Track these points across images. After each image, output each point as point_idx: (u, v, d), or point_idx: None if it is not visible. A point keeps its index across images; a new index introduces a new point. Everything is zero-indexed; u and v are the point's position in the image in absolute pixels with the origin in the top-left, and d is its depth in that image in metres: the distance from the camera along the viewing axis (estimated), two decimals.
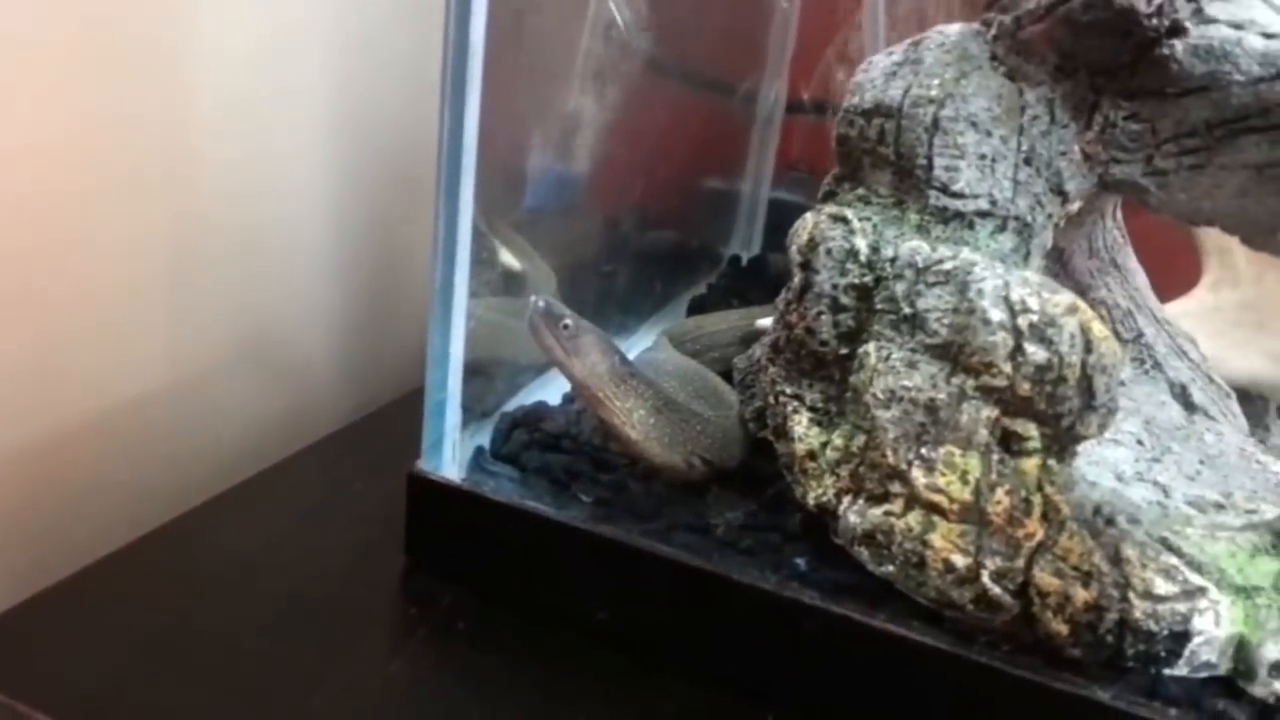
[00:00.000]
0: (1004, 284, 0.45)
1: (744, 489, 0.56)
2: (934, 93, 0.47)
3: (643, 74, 0.74)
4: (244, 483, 0.64)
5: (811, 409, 0.52)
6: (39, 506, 0.59)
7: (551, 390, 0.64)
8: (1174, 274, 0.73)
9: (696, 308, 0.81)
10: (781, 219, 0.95)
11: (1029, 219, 0.48)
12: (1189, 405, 0.60)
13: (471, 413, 0.56)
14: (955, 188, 0.47)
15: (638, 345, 0.72)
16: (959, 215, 0.47)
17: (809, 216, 0.52)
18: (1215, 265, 0.75)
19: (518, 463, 0.56)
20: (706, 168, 0.88)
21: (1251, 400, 0.69)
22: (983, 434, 0.45)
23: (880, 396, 0.47)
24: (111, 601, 0.51)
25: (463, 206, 0.49)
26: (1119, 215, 0.64)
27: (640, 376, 0.55)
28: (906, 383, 0.46)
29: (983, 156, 0.47)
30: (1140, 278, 0.65)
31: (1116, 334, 0.60)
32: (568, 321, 0.54)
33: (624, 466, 0.56)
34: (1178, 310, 0.73)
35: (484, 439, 0.58)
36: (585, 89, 0.70)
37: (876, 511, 0.47)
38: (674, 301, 0.81)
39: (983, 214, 0.47)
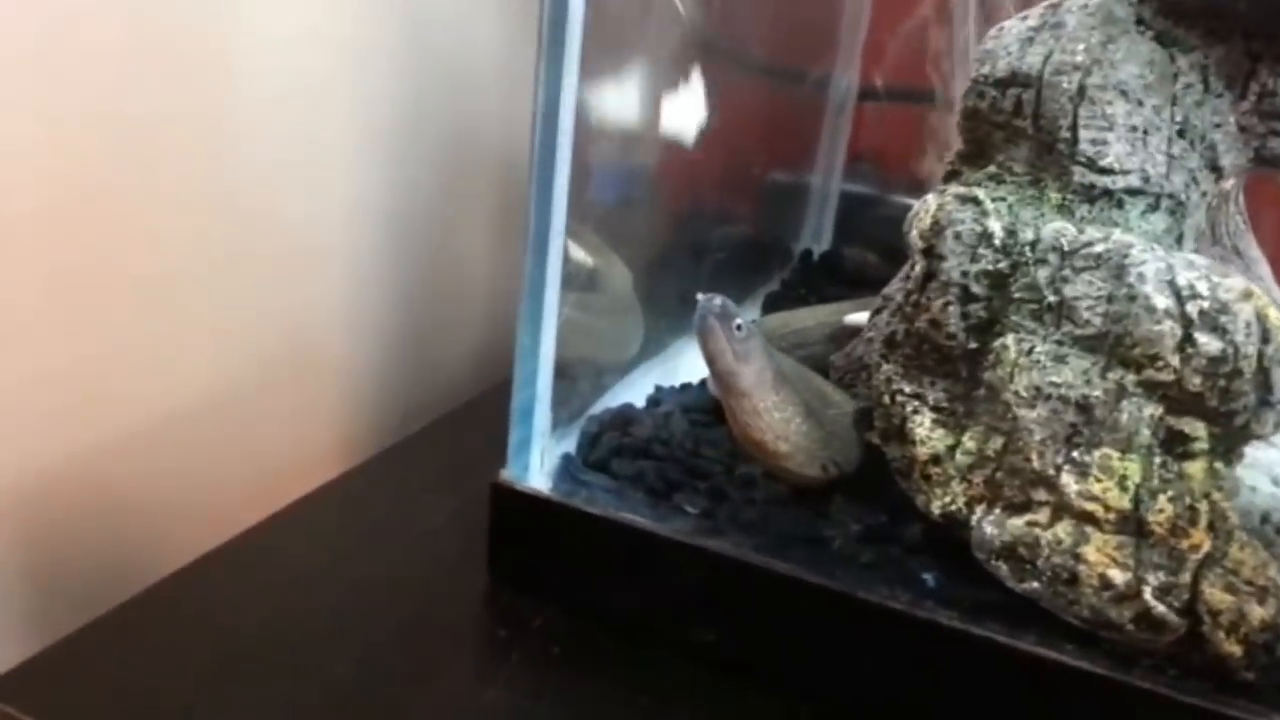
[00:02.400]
0: (1168, 267, 0.40)
1: (855, 496, 0.52)
2: (1079, 59, 0.43)
3: (708, 62, 0.70)
4: (302, 499, 0.60)
5: (935, 409, 0.47)
6: (86, 524, 0.56)
7: (635, 392, 0.60)
8: None
9: (771, 304, 0.77)
10: (853, 211, 0.91)
11: (1183, 197, 0.44)
12: None
13: (556, 417, 0.52)
14: (1104, 162, 0.43)
15: None
16: (1107, 193, 0.43)
17: (931, 198, 0.47)
18: None
19: (608, 471, 0.52)
20: (777, 159, 0.83)
21: None
22: (1145, 434, 0.40)
23: (1023, 394, 0.43)
24: (174, 626, 0.48)
25: (556, 195, 0.45)
26: (1241, 198, 0.59)
27: (790, 384, 0.51)
28: (1054, 379, 0.42)
29: (1133, 128, 0.43)
30: (1264, 267, 0.60)
31: None
32: (740, 322, 0.50)
33: (723, 473, 0.52)
34: None
35: (569, 445, 0.53)
36: (654, 79, 0.66)
37: (1018, 522, 0.43)
38: (749, 299, 0.77)
39: (1133, 191, 0.43)
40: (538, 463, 0.49)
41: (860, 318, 0.67)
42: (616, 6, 0.61)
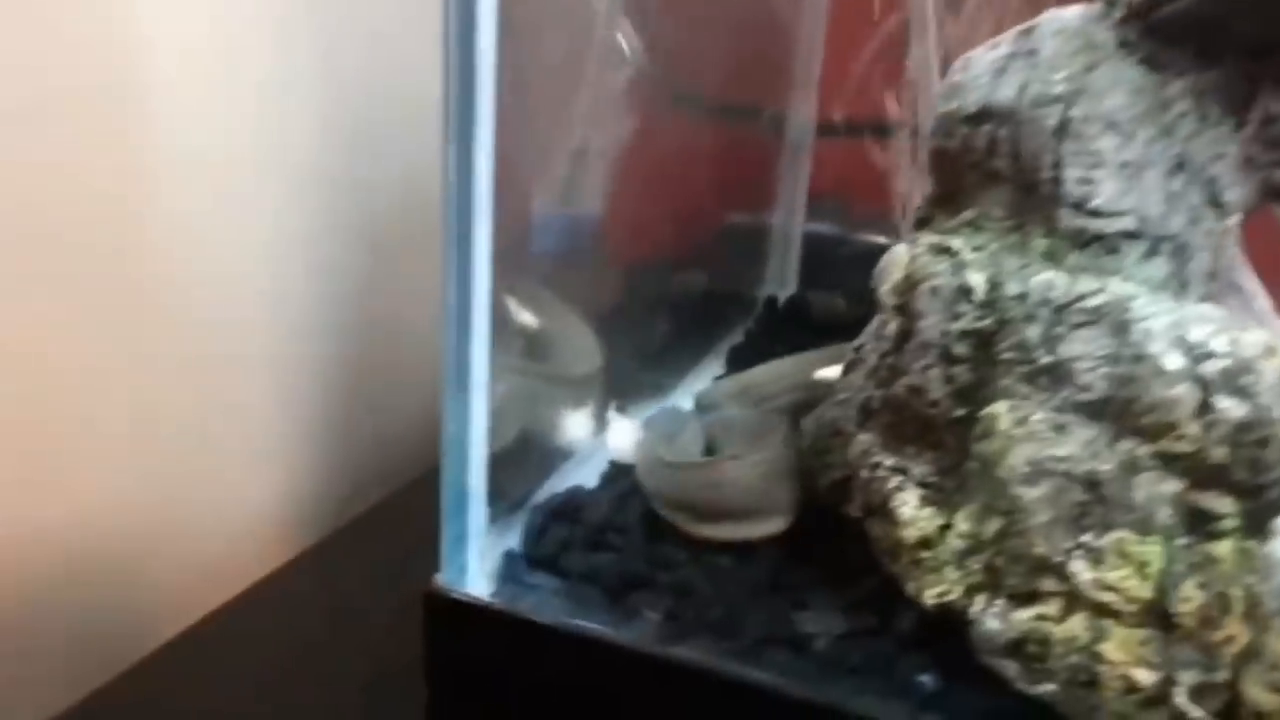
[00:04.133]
0: (1177, 321, 0.35)
1: (835, 578, 0.46)
2: (1059, 89, 0.38)
3: (656, 100, 0.65)
4: (232, 602, 0.54)
5: (921, 485, 0.42)
6: None
7: (588, 468, 0.54)
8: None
9: (735, 358, 0.72)
10: (816, 254, 0.87)
11: (1184, 239, 0.39)
12: None
13: (497, 506, 0.46)
14: (1094, 204, 0.38)
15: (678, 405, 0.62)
16: (1099, 238, 0.38)
17: (901, 250, 0.42)
18: None
19: (558, 568, 0.46)
20: (734, 201, 0.79)
21: None
22: (1165, 513, 0.35)
23: (1021, 470, 0.37)
24: None
25: (477, 257, 0.39)
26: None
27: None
28: (1056, 451, 0.37)
29: (1125, 164, 0.38)
30: (1261, 300, 0.56)
31: None
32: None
33: (688, 562, 0.47)
34: None
35: (513, 538, 0.48)
36: (593, 122, 0.60)
37: (1024, 615, 0.38)
38: (711, 353, 0.71)
39: (1129, 235, 0.38)
40: (476, 564, 0.43)
41: (831, 373, 0.62)
42: (550, 43, 0.56)
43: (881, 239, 0.88)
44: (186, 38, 0.54)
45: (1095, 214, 0.38)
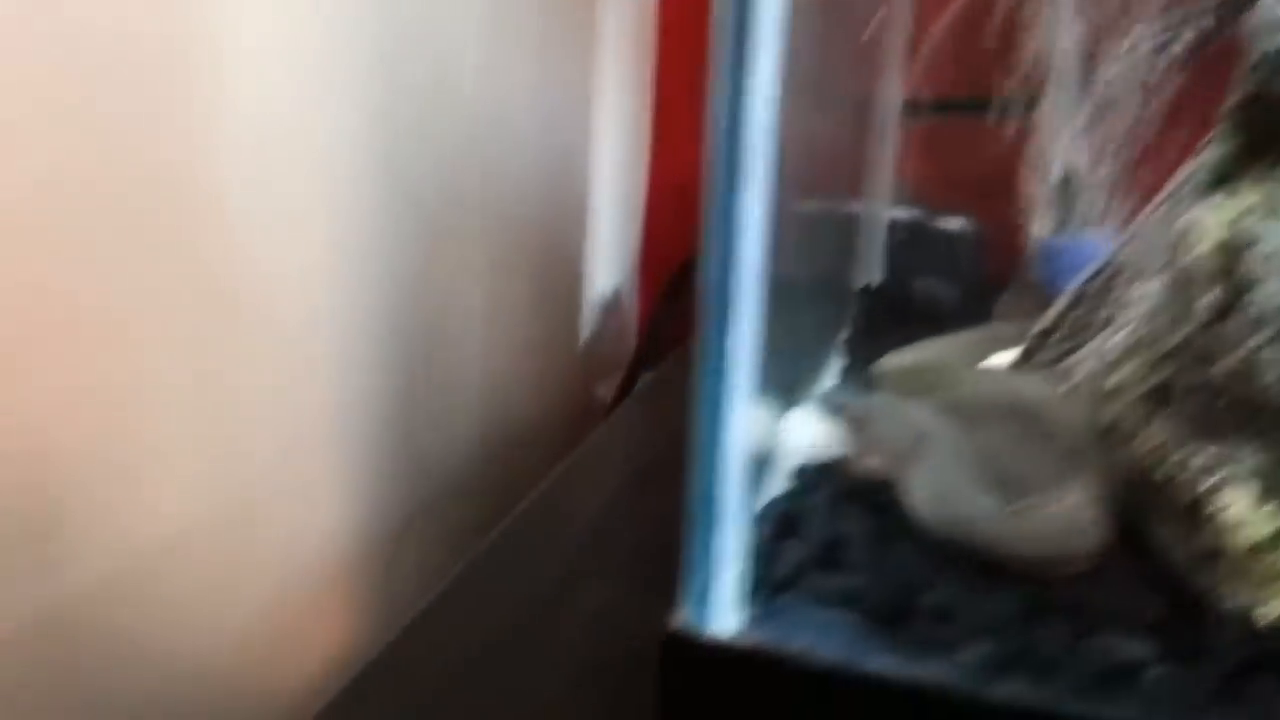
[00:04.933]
0: None
1: (1125, 601, 0.40)
2: None
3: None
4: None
5: (1249, 480, 0.36)
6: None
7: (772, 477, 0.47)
8: None
9: (852, 350, 0.66)
10: (900, 240, 0.81)
11: None
12: None
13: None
14: None
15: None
16: None
17: (1204, 215, 0.37)
18: None
19: (801, 594, 0.39)
20: (833, 188, 0.73)
21: None
22: None
23: None
24: None
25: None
26: None
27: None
28: None
29: None
30: None
31: None
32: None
33: (950, 582, 0.40)
34: None
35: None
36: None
37: None
38: (833, 345, 0.65)
39: None
40: (728, 599, 0.36)
41: (1005, 359, 0.57)
42: None
43: (954, 225, 0.84)
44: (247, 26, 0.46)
45: None
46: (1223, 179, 0.38)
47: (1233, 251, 0.36)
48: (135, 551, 0.44)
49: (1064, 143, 0.68)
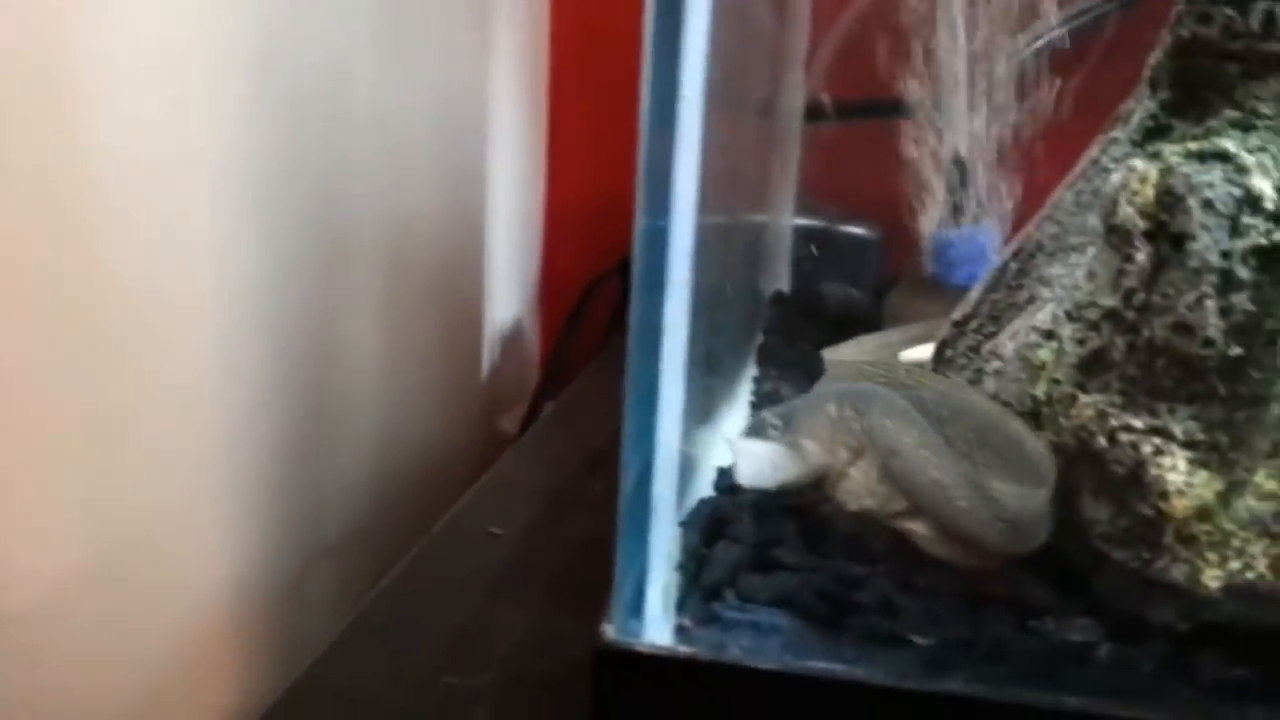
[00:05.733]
0: None
1: (1057, 581, 0.38)
2: None
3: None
4: None
5: (1188, 445, 0.35)
6: None
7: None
8: None
9: (767, 358, 0.64)
10: (803, 246, 0.80)
11: None
12: None
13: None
14: None
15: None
16: None
17: (1140, 165, 0.35)
18: None
19: (736, 599, 0.36)
20: (745, 195, 0.71)
21: None
22: None
23: None
24: None
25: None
26: None
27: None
28: None
29: None
30: None
31: None
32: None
33: (882, 576, 0.38)
34: None
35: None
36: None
37: None
38: (749, 355, 0.63)
39: None
40: (660, 607, 0.33)
41: (920, 354, 0.55)
42: None
43: (865, 227, 0.83)
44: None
45: None
46: (1155, 133, 0.37)
47: (1171, 204, 0.34)
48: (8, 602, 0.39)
49: (954, 138, 0.68)
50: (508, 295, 1.01)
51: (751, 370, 0.63)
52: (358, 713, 0.38)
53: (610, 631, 0.33)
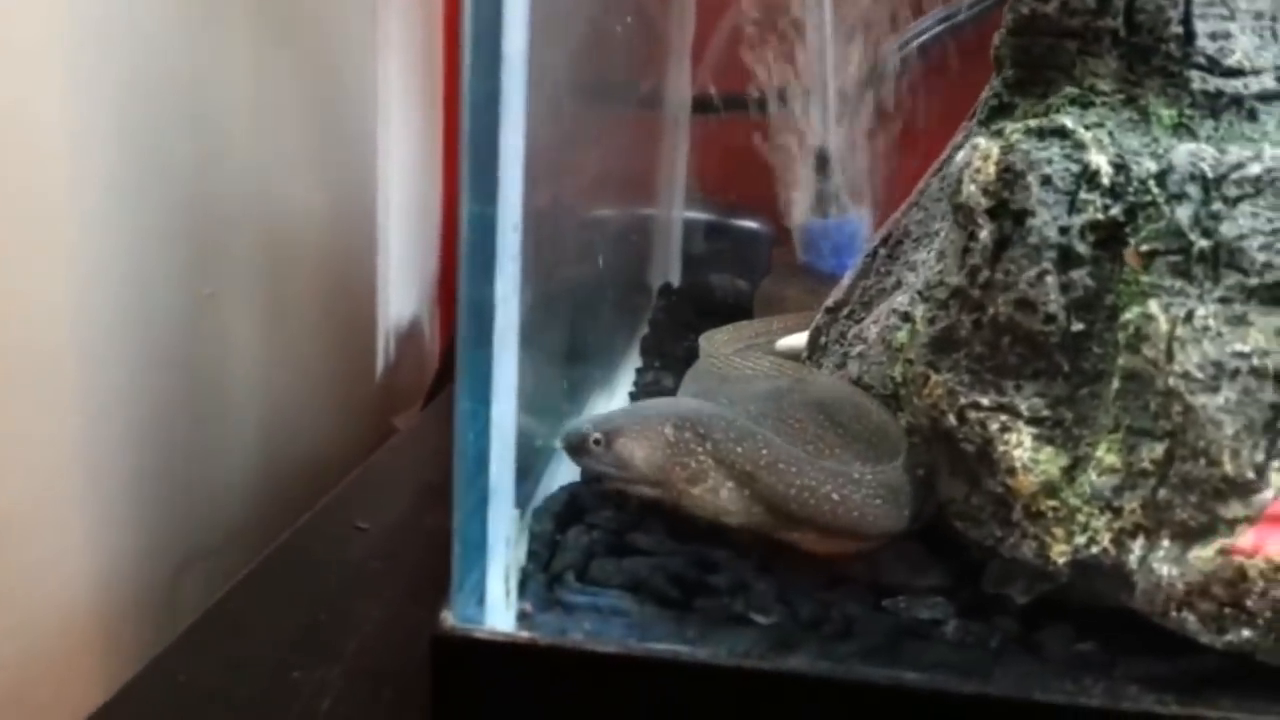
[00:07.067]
0: None
1: (907, 561, 0.38)
2: None
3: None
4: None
5: (1033, 421, 0.35)
6: None
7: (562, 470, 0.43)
8: None
9: (650, 349, 0.63)
10: (695, 238, 0.80)
11: None
12: None
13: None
14: (1230, 62, 0.33)
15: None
16: (1236, 102, 0.33)
17: (983, 143, 0.35)
18: None
19: (585, 583, 0.35)
20: (624, 185, 0.70)
21: None
22: None
23: (1198, 375, 0.31)
24: None
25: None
26: None
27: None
28: (1239, 347, 0.31)
29: (1259, 15, 0.33)
30: None
31: None
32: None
33: (736, 559, 0.37)
34: None
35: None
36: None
37: (1205, 553, 0.31)
38: (632, 345, 0.62)
39: (1268, 96, 0.33)
40: (501, 592, 0.32)
41: (795, 341, 0.55)
42: None
43: (751, 219, 0.83)
44: None
45: (1231, 73, 0.33)
46: (998, 111, 0.37)
47: (1011, 182, 0.34)
48: None
49: (822, 130, 0.69)
50: (404, 293, 0.98)
51: (635, 361, 0.62)
52: (195, 708, 0.36)
53: (449, 619, 0.32)
